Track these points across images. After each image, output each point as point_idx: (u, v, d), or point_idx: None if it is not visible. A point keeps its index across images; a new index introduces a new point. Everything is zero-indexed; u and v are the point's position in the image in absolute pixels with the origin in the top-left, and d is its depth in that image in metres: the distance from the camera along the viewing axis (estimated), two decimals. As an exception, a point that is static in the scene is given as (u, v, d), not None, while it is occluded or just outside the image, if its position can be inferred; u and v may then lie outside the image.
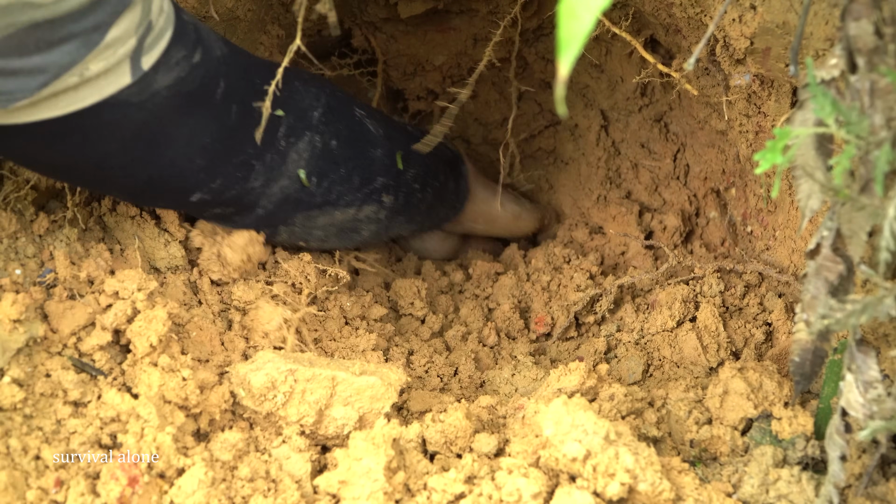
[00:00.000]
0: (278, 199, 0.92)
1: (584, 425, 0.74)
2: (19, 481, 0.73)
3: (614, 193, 1.48)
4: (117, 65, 0.73)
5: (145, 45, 0.75)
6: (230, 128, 0.86)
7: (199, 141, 0.84)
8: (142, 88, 0.76)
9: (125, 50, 0.73)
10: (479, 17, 1.39)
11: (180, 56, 0.79)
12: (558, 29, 0.48)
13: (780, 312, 1.01)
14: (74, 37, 0.68)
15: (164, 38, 0.77)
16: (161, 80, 0.78)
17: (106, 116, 0.76)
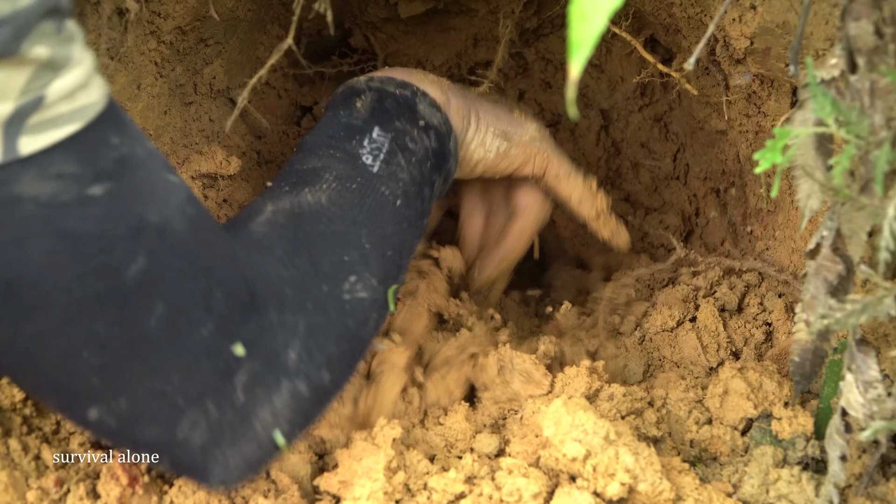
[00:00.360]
0: (240, 471, 0.66)
1: (584, 425, 0.74)
2: (19, 481, 0.73)
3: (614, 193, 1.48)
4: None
5: (28, 123, 0.55)
6: (142, 333, 0.60)
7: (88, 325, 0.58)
8: (5, 179, 0.55)
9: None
10: (479, 17, 1.39)
11: (67, 171, 0.56)
12: (569, 30, 0.48)
13: (780, 312, 1.01)
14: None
15: (61, 130, 0.56)
16: (30, 185, 0.55)
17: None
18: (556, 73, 1.49)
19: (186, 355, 0.60)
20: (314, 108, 1.45)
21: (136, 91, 1.00)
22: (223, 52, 1.13)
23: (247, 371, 0.64)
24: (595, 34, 0.47)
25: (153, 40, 1.00)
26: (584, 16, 0.47)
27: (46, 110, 0.55)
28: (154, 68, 1.02)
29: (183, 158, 1.11)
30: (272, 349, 0.66)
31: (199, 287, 0.62)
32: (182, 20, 0.99)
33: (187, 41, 1.04)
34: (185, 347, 0.61)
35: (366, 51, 1.43)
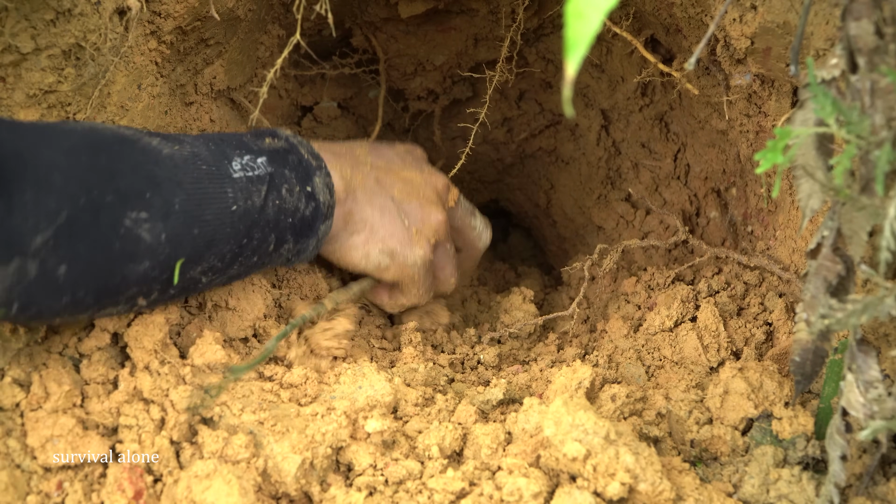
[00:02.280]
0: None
1: (585, 425, 0.74)
2: (20, 481, 0.73)
3: (615, 193, 1.48)
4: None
5: None
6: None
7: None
8: None
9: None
10: (480, 16, 1.39)
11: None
12: (566, 29, 0.48)
13: (780, 312, 1.01)
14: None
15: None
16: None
17: None
18: (556, 72, 1.49)
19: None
20: (314, 108, 1.45)
21: (136, 91, 1.00)
22: (224, 53, 1.13)
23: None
24: (591, 33, 0.47)
25: (154, 40, 1.00)
26: (580, 15, 0.47)
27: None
28: (154, 68, 1.02)
29: (183, 158, 1.11)
30: (17, 230, 0.69)
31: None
32: (182, 20, 0.99)
33: (188, 41, 1.04)
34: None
35: (366, 51, 1.43)
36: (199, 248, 0.83)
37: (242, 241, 0.88)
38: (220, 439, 0.79)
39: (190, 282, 0.86)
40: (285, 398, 0.88)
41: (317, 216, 0.96)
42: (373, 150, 1.16)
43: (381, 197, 1.08)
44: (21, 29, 0.84)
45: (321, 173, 0.97)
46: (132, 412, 0.80)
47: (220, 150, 0.89)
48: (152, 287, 0.81)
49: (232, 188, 0.87)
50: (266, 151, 0.93)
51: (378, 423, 0.83)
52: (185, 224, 0.81)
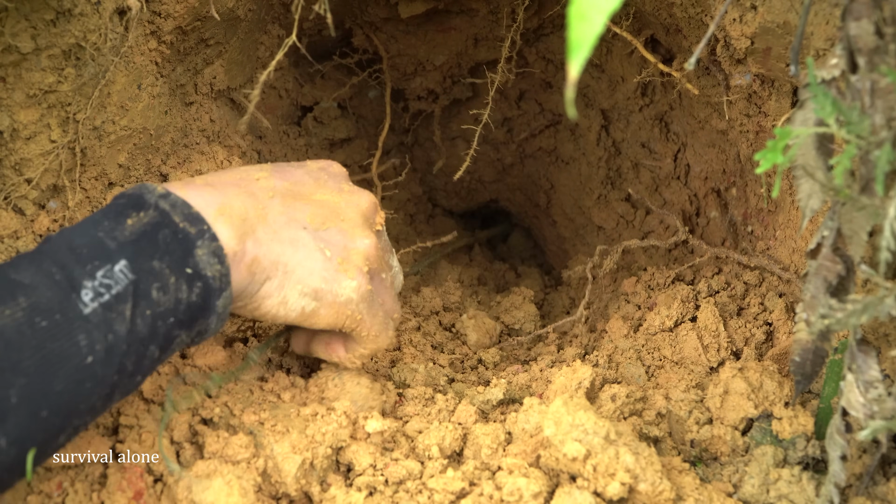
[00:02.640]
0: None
1: (585, 425, 0.74)
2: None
3: (615, 193, 1.48)
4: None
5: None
6: None
7: None
8: None
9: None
10: (480, 17, 1.39)
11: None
12: (569, 31, 0.48)
13: (780, 312, 1.01)
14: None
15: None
16: None
17: None
18: (556, 72, 1.49)
19: None
20: (314, 107, 1.45)
21: (136, 91, 1.00)
22: (224, 53, 1.13)
23: None
24: (594, 35, 0.47)
25: (154, 40, 1.00)
26: (583, 16, 0.47)
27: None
28: (155, 68, 1.02)
29: (183, 158, 1.11)
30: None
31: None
32: (182, 20, 0.99)
33: (188, 41, 1.04)
34: None
35: (366, 50, 1.43)
36: (53, 426, 0.72)
37: (113, 380, 0.75)
38: (221, 439, 0.79)
39: (53, 451, 0.75)
40: (286, 398, 0.88)
41: (209, 295, 0.80)
42: (276, 172, 0.95)
43: (291, 228, 0.90)
44: (21, 29, 0.84)
45: (204, 240, 0.80)
46: (132, 412, 0.80)
47: (67, 277, 0.74)
48: (4, 486, 0.71)
49: (85, 332, 0.73)
50: (128, 245, 0.77)
51: (378, 423, 0.84)
52: (30, 414, 0.70)
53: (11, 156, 0.90)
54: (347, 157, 1.51)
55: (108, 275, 0.75)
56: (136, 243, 0.78)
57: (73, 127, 0.94)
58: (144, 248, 0.77)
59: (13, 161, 0.91)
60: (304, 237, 0.89)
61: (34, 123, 0.90)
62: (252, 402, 0.86)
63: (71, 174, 0.97)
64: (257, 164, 1.02)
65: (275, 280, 0.86)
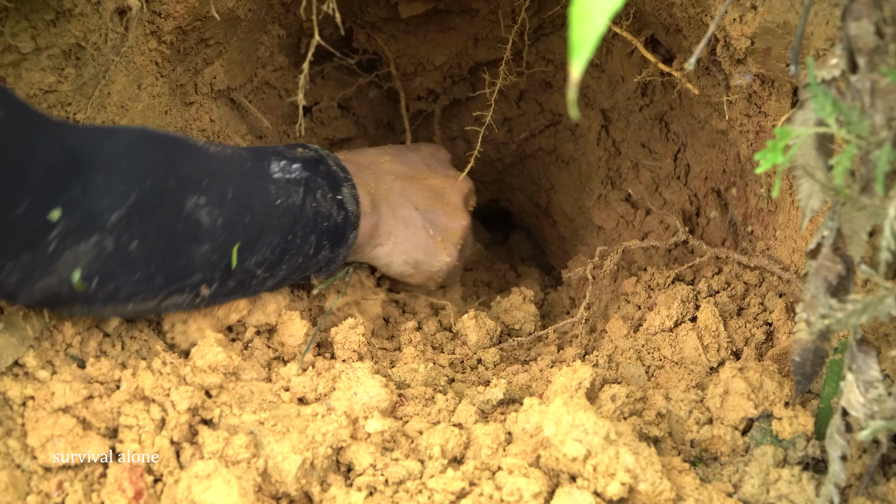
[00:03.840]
0: (41, 297, 0.78)
1: (585, 425, 0.74)
2: (20, 481, 0.73)
3: (615, 193, 1.48)
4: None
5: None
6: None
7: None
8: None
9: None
10: (480, 16, 1.39)
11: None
12: (570, 32, 0.48)
13: (780, 312, 1.01)
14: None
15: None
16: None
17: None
18: (556, 72, 1.49)
19: (5, 231, 0.72)
20: (314, 107, 1.45)
21: (136, 91, 1.00)
22: (224, 53, 1.13)
23: (63, 225, 0.74)
24: (596, 36, 0.47)
25: (154, 40, 1.00)
26: (585, 17, 0.47)
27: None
28: (155, 68, 1.02)
29: (183, 158, 1.11)
30: (94, 208, 0.76)
31: (10, 177, 0.70)
32: (183, 20, 0.99)
33: (188, 41, 1.04)
34: (3, 226, 0.71)
35: (366, 51, 1.43)
36: (251, 235, 0.89)
37: (288, 237, 0.94)
38: (221, 439, 0.79)
39: (246, 274, 0.91)
40: (286, 399, 0.88)
41: (347, 224, 1.02)
42: (397, 157, 1.20)
43: (406, 207, 1.14)
44: (21, 29, 0.84)
45: (348, 185, 1.02)
46: (132, 412, 0.80)
47: (258, 154, 0.95)
48: (213, 274, 0.87)
49: (274, 185, 0.93)
50: (299, 159, 0.98)
51: (378, 424, 0.84)
52: (238, 212, 0.88)
53: (11, 156, 0.90)
54: (347, 157, 1.51)
55: (288, 167, 0.96)
56: (305, 161, 0.99)
57: (73, 127, 0.94)
58: (310, 166, 0.99)
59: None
60: (414, 217, 1.14)
61: (34, 123, 0.90)
62: (252, 401, 0.86)
63: (71, 174, 0.96)
64: (380, 148, 1.23)
65: (386, 247, 1.11)
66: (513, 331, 1.28)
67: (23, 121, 0.73)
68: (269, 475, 0.77)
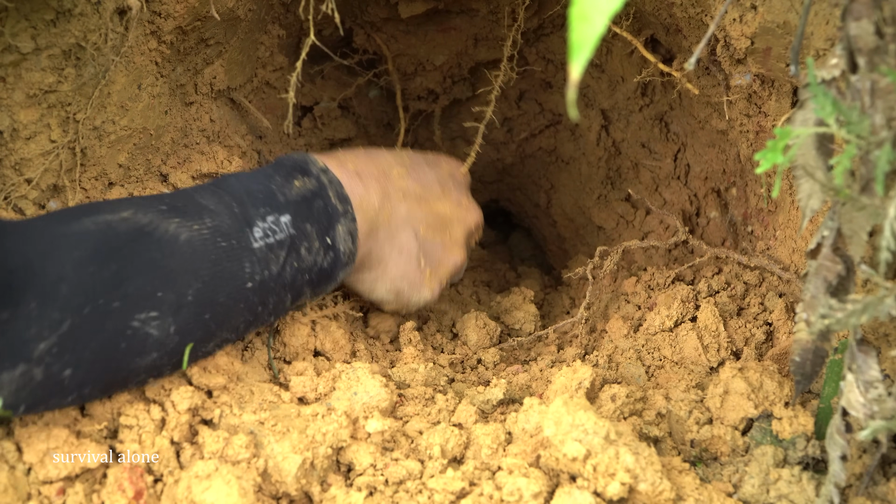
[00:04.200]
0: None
1: (585, 425, 0.74)
2: (20, 482, 0.73)
3: (615, 193, 1.48)
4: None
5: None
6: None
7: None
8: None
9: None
10: (480, 17, 1.39)
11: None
12: (570, 32, 0.48)
13: (780, 312, 1.01)
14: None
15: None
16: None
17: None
18: (556, 72, 1.49)
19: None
20: (314, 107, 1.45)
21: (136, 91, 1.00)
22: (224, 52, 1.13)
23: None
24: (596, 36, 0.47)
25: (154, 40, 1.00)
26: (585, 17, 0.47)
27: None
28: (155, 68, 1.02)
29: (184, 158, 1.11)
30: (20, 337, 0.71)
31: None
32: (183, 20, 0.99)
33: (188, 41, 1.04)
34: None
35: (366, 51, 1.43)
36: (210, 329, 0.84)
37: (257, 311, 0.89)
38: (221, 439, 0.79)
39: (203, 355, 0.87)
40: (287, 399, 0.88)
41: (336, 265, 0.96)
42: (413, 171, 1.12)
43: (405, 234, 1.07)
44: (21, 29, 0.84)
45: (346, 220, 0.96)
46: (132, 412, 0.80)
47: (245, 214, 0.88)
48: (162, 371, 0.82)
49: (250, 261, 0.86)
50: (292, 204, 0.91)
51: (378, 424, 0.84)
52: (197, 313, 0.82)
53: (11, 156, 0.90)
54: (347, 157, 1.51)
55: (276, 223, 0.89)
56: (298, 205, 0.92)
57: (73, 127, 0.94)
58: (303, 210, 0.92)
59: (13, 161, 0.91)
60: (411, 245, 1.08)
61: (34, 123, 0.90)
62: (252, 401, 0.86)
63: (71, 174, 0.97)
64: (397, 156, 1.13)
65: (373, 272, 1.06)
66: (513, 331, 1.28)
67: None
68: (269, 475, 0.77)
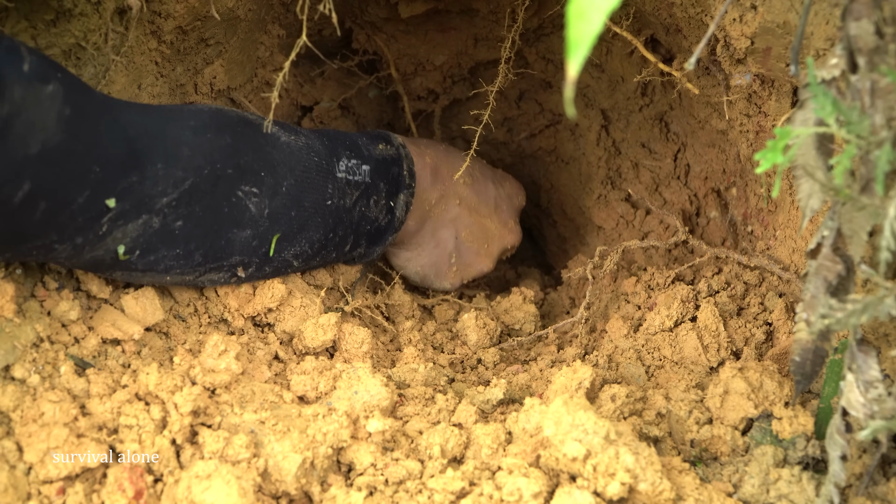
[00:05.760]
0: (86, 264, 0.84)
1: (585, 425, 0.74)
2: (20, 481, 0.73)
3: (614, 193, 1.48)
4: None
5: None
6: (27, 221, 0.74)
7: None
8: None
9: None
10: (480, 16, 1.39)
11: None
12: (567, 30, 0.48)
13: (780, 312, 1.01)
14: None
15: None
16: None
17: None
18: (556, 72, 1.49)
19: (64, 220, 0.76)
20: (314, 107, 1.45)
21: (136, 91, 1.00)
22: (224, 52, 1.13)
23: (116, 210, 0.79)
24: (593, 34, 0.47)
25: (154, 40, 1.00)
26: (582, 15, 0.47)
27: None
28: (155, 68, 1.02)
29: (183, 158, 1.11)
30: (147, 194, 0.81)
31: (75, 172, 0.75)
32: (183, 20, 0.99)
33: (188, 41, 1.04)
34: (62, 218, 0.76)
35: (366, 51, 1.43)
36: (293, 229, 0.95)
37: (329, 235, 1.01)
38: (221, 439, 0.79)
39: (283, 263, 0.97)
40: (288, 398, 0.88)
41: (389, 228, 1.09)
42: (476, 183, 1.26)
43: (448, 231, 1.21)
44: (21, 29, 0.84)
45: (407, 192, 1.09)
46: (132, 412, 0.80)
47: (332, 148, 1.00)
48: (251, 258, 0.93)
49: (332, 185, 0.99)
50: (374, 160, 1.05)
51: (379, 423, 0.84)
52: (286, 205, 0.93)
53: (11, 156, 0.90)
54: (347, 157, 1.51)
55: (357, 167, 1.02)
56: (378, 162, 1.05)
57: (74, 127, 0.93)
58: (381, 169, 1.05)
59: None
60: (449, 243, 1.21)
61: (34, 123, 0.90)
62: (253, 401, 0.86)
63: (71, 174, 0.96)
64: (471, 163, 1.24)
65: (410, 252, 1.20)
66: (513, 331, 1.28)
67: (87, 114, 0.76)
68: (269, 474, 0.77)
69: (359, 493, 0.76)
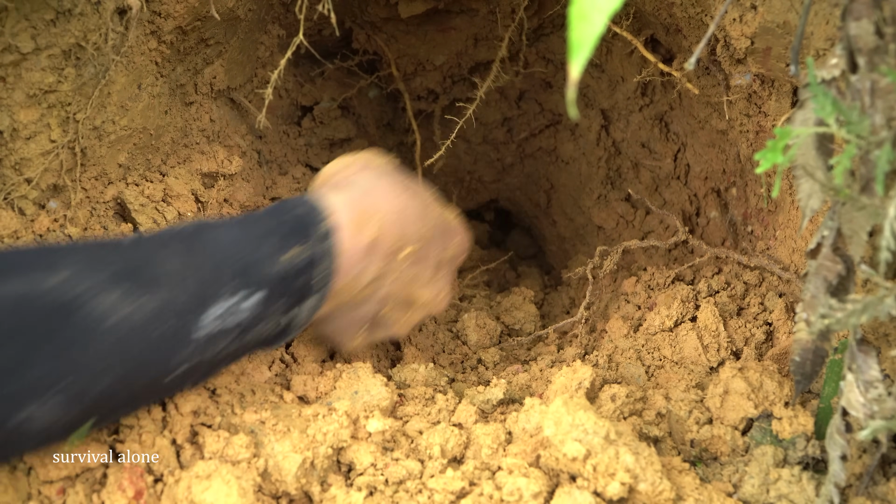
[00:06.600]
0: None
1: (585, 425, 0.74)
2: (21, 481, 0.73)
3: (615, 193, 1.48)
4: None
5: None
6: None
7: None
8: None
9: None
10: (480, 16, 1.39)
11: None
12: (569, 32, 0.48)
13: (780, 312, 1.01)
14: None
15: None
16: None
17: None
18: (556, 72, 1.49)
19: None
20: (314, 107, 1.45)
21: (136, 91, 1.00)
22: (224, 52, 1.13)
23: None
24: (595, 35, 0.47)
25: (154, 40, 1.00)
26: (584, 17, 0.47)
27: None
28: (155, 68, 1.02)
29: (184, 158, 1.11)
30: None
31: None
32: (182, 20, 0.99)
33: (188, 41, 1.04)
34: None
35: (366, 51, 1.43)
36: (115, 408, 0.76)
37: (163, 394, 0.81)
38: (221, 439, 0.79)
39: (108, 420, 0.78)
40: (288, 398, 0.88)
41: (282, 337, 0.87)
42: (424, 248, 0.98)
43: (370, 307, 0.96)
44: (21, 29, 0.84)
45: (316, 297, 0.86)
46: (132, 412, 0.80)
47: (208, 288, 0.77)
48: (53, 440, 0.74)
49: (184, 351, 0.76)
50: (272, 281, 0.81)
51: (379, 423, 0.84)
52: (99, 402, 0.73)
53: (11, 156, 0.90)
54: (347, 157, 1.51)
55: (237, 306, 0.78)
56: (279, 282, 0.81)
57: (73, 127, 0.94)
58: (281, 288, 0.81)
59: (13, 161, 0.91)
60: (367, 315, 0.96)
61: (34, 123, 0.90)
62: (253, 401, 0.86)
63: (71, 174, 0.97)
64: (428, 222, 0.98)
65: (320, 326, 0.97)
66: (513, 331, 1.28)
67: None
68: (269, 474, 0.77)
69: (359, 493, 0.76)
